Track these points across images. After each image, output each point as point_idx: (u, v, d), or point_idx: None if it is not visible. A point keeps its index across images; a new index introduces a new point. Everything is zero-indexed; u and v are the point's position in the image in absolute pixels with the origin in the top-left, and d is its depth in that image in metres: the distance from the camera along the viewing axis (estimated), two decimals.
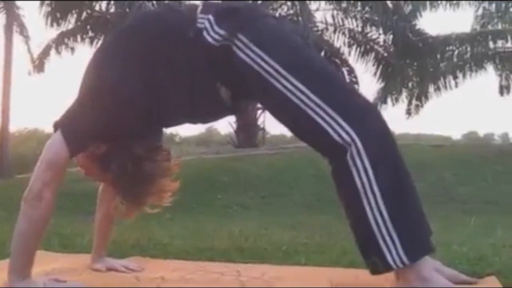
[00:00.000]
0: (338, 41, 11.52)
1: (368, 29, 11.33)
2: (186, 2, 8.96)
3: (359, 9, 11.15)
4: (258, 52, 1.60)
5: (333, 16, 11.37)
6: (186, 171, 2.02)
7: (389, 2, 10.69)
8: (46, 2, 10.04)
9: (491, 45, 11.97)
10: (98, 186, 1.99)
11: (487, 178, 6.49)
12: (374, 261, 1.56)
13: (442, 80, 12.53)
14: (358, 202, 1.55)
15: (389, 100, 12.82)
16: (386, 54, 11.39)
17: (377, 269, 1.57)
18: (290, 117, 1.63)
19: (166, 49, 1.64)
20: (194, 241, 2.68)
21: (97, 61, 1.73)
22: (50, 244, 2.43)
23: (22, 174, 8.05)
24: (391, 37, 10.73)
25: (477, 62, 12.31)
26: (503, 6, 12.59)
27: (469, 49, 11.96)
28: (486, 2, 12.80)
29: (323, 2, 11.33)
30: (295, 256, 2.29)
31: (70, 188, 5.56)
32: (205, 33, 1.60)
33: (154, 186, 1.66)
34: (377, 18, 10.57)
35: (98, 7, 10.79)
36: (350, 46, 11.50)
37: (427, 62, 11.59)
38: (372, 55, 11.44)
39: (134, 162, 1.62)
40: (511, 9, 12.56)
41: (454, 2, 11.88)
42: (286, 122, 1.67)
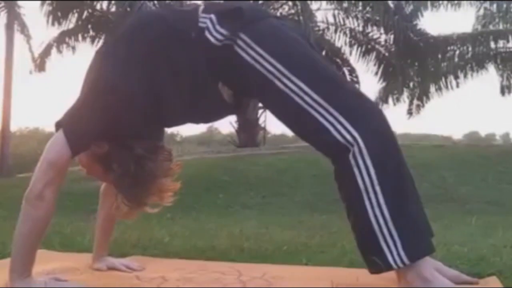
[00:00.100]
0: (339, 40, 11.53)
1: (369, 28, 11.32)
2: (187, 2, 8.95)
3: (360, 8, 11.14)
4: (260, 51, 1.60)
5: (334, 15, 11.38)
6: (187, 171, 2.02)
7: (390, 2, 10.68)
8: (47, 2, 10.04)
9: (493, 45, 11.96)
10: (99, 185, 1.99)
11: (488, 178, 6.49)
12: (374, 260, 1.56)
13: (444, 80, 12.54)
14: (359, 202, 1.55)
15: (390, 100, 12.86)
16: (387, 54, 11.38)
17: (377, 268, 1.58)
18: (292, 116, 1.64)
19: (168, 49, 1.64)
20: (195, 240, 2.68)
21: (99, 61, 1.73)
22: (51, 243, 2.43)
23: (23, 173, 8.06)
24: (392, 37, 10.70)
25: (478, 62, 12.31)
26: (505, 6, 12.59)
27: (470, 49, 11.95)
28: (488, 2, 12.80)
29: (324, 2, 11.34)
30: (296, 255, 2.29)
31: (71, 187, 5.57)
32: (207, 32, 1.61)
33: (155, 186, 1.65)
34: (378, 18, 10.56)
35: (99, 7, 10.80)
36: (351, 45, 11.50)
37: (428, 62, 11.58)
38: (373, 55, 11.44)
39: (136, 162, 1.62)
40: None
41: (456, 2, 11.89)
42: (288, 121, 1.67)
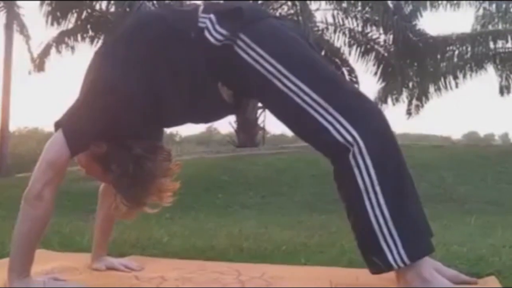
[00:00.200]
0: (339, 41, 11.52)
1: (368, 29, 11.32)
2: (187, 2, 8.95)
3: (360, 9, 11.14)
4: (260, 52, 1.60)
5: (333, 16, 11.37)
6: (186, 171, 2.02)
7: (389, 2, 10.67)
8: (46, 2, 10.03)
9: (492, 45, 11.97)
10: (98, 185, 1.99)
11: (487, 178, 6.49)
12: (374, 260, 1.56)
13: (443, 80, 12.55)
14: (360, 202, 1.55)
15: (389, 100, 12.87)
16: (386, 54, 11.38)
17: (377, 268, 1.58)
18: (292, 116, 1.64)
19: (167, 49, 1.64)
20: (194, 240, 2.68)
21: (98, 61, 1.73)
22: (50, 243, 2.43)
23: (22, 173, 8.05)
24: (392, 37, 10.70)
25: (477, 62, 12.33)
26: (504, 6, 12.60)
27: (469, 49, 11.96)
28: (487, 2, 12.80)
29: (324, 2, 11.32)
30: (295, 255, 2.29)
31: (70, 187, 5.56)
32: (206, 32, 1.61)
33: (154, 186, 1.65)
34: (377, 18, 10.56)
35: (98, 7, 10.79)
36: (350, 46, 11.49)
37: (428, 62, 11.58)
38: (372, 55, 11.43)
39: (135, 162, 1.62)
40: None
41: (455, 2, 11.89)
42: (288, 122, 1.67)
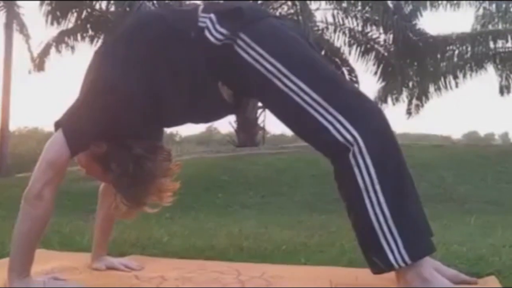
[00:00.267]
0: (339, 40, 11.52)
1: (368, 28, 11.31)
2: (187, 2, 8.95)
3: (360, 8, 11.14)
4: (260, 51, 1.60)
5: (333, 15, 11.36)
6: (186, 170, 2.02)
7: (389, 2, 10.68)
8: (46, 1, 10.03)
9: (492, 45, 11.97)
10: (98, 185, 1.99)
11: (487, 178, 6.49)
12: (375, 260, 1.56)
13: (443, 80, 12.55)
14: (360, 201, 1.55)
15: (389, 99, 12.87)
16: (386, 54, 11.38)
17: (379, 268, 1.57)
18: (292, 116, 1.64)
19: (167, 49, 1.64)
20: (194, 240, 2.68)
21: (98, 61, 1.73)
22: (50, 243, 2.43)
23: (22, 173, 8.04)
24: (392, 36, 10.70)
25: (477, 62, 12.33)
26: (504, 6, 12.59)
27: (469, 49, 11.97)
28: (487, 2, 12.80)
29: (324, 2, 11.32)
30: (295, 255, 2.29)
31: (70, 187, 5.56)
32: (206, 32, 1.61)
33: (154, 186, 1.65)
34: (377, 18, 10.56)
35: (98, 6, 10.79)
36: (350, 45, 11.49)
37: (428, 62, 11.58)
38: (372, 55, 11.43)
39: (135, 162, 1.62)
40: None
41: (455, 2, 11.89)
42: (288, 121, 1.67)
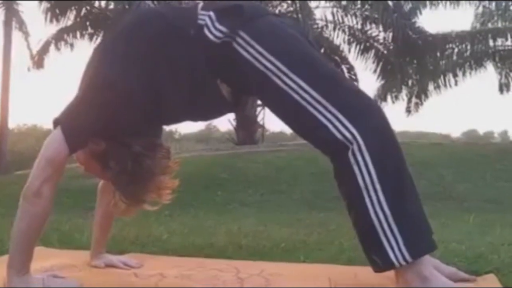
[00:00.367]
0: (338, 38, 11.51)
1: (368, 26, 11.30)
2: (186, 0, 8.94)
3: (359, 6, 11.13)
4: (260, 49, 1.59)
5: (333, 13, 11.35)
6: (185, 168, 2.02)
7: (389, 0, 10.67)
8: None
9: (491, 43, 11.97)
10: (97, 182, 1.99)
11: (487, 176, 6.49)
12: (376, 259, 1.56)
13: (442, 78, 12.55)
14: (360, 200, 1.55)
15: (388, 97, 12.88)
16: (386, 52, 11.37)
17: (379, 266, 1.57)
18: (291, 114, 1.63)
19: (166, 46, 1.64)
20: (193, 237, 2.68)
21: (97, 58, 1.73)
22: (49, 240, 2.43)
23: (21, 170, 8.05)
24: (391, 34, 10.70)
25: (477, 60, 12.33)
26: (503, 4, 12.59)
27: (469, 47, 11.96)
28: (486, 0, 12.80)
29: (323, 0, 11.34)
30: (294, 253, 2.29)
31: (69, 184, 5.56)
32: (205, 29, 1.60)
33: (153, 184, 1.65)
34: (377, 16, 10.56)
35: (97, 4, 10.77)
36: (350, 43, 11.48)
37: (427, 60, 11.58)
38: (372, 53, 11.42)
39: (134, 160, 1.62)
40: (511, 7, 12.56)
41: (454, 0, 11.88)
42: (287, 119, 1.67)
